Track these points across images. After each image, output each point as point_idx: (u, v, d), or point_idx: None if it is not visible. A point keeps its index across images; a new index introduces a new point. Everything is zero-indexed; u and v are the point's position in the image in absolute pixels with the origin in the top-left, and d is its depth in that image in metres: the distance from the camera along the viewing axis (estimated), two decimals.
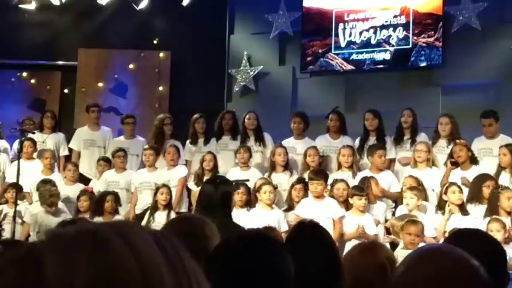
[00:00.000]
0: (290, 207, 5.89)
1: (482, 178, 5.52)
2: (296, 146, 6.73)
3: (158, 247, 0.68)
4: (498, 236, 4.72)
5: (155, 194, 6.12)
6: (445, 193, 5.39)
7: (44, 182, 6.35)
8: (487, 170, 5.77)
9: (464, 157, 5.85)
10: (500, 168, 5.80)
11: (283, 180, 6.25)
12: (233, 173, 6.38)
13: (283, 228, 5.50)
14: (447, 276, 1.23)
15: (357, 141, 6.70)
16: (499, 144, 5.99)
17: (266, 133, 7.00)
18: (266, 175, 6.41)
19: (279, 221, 5.57)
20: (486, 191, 5.39)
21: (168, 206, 6.10)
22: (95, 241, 0.67)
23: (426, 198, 5.76)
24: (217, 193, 3.31)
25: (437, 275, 1.23)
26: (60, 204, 6.31)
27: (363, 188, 5.52)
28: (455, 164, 5.92)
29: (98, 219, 5.94)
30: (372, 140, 6.59)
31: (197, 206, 3.47)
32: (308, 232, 2.16)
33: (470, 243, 1.78)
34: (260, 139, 6.87)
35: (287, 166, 6.41)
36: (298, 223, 2.38)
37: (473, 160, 5.92)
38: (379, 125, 6.62)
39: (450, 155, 5.97)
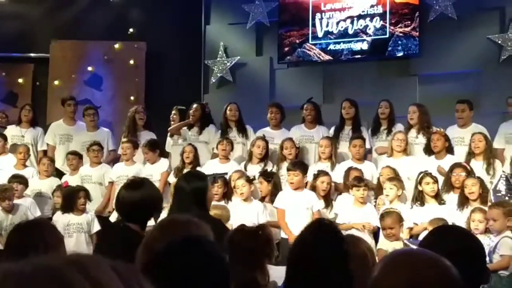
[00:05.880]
0: (261, 200, 5.84)
1: (451, 167, 5.57)
2: (274, 136, 6.69)
3: (121, 281, 0.62)
4: (481, 226, 4.74)
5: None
6: (420, 183, 5.41)
7: (14, 177, 6.23)
8: (460, 159, 5.80)
9: (440, 147, 5.88)
10: (470, 156, 5.83)
11: (257, 171, 6.19)
12: (211, 166, 6.32)
13: (262, 220, 5.45)
14: (422, 280, 1.26)
15: (332, 130, 6.70)
16: (471, 132, 6.02)
17: (248, 126, 6.95)
18: (242, 164, 6.37)
19: (258, 213, 5.52)
20: (453, 179, 5.44)
21: None
22: (54, 281, 0.62)
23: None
24: (188, 189, 3.26)
25: (412, 279, 1.26)
26: (28, 201, 6.17)
27: (362, 179, 5.49)
28: (431, 153, 5.95)
29: (69, 216, 5.82)
30: (347, 129, 6.60)
31: (172, 202, 3.42)
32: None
33: (450, 240, 1.79)
34: (242, 131, 6.83)
35: (264, 158, 6.37)
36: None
37: (449, 150, 5.94)
38: (355, 114, 6.62)
39: (428, 144, 5.98)
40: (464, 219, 4.97)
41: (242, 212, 5.44)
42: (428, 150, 5.98)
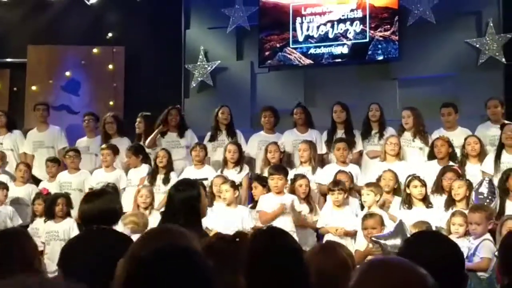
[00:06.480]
0: (255, 205, 5.78)
1: (443, 170, 5.57)
2: (271, 140, 6.62)
3: None
4: (461, 230, 4.75)
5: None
6: (408, 186, 5.41)
7: None
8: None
9: (444, 153, 5.84)
10: (464, 158, 5.85)
11: (232, 176, 6.14)
12: (188, 172, 6.28)
13: (249, 225, 5.41)
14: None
15: (324, 134, 6.69)
16: (459, 135, 6.06)
17: (238, 130, 6.92)
18: (219, 171, 6.33)
19: (242, 218, 5.47)
20: (445, 183, 5.45)
21: None
22: None
23: (399, 192, 5.68)
24: (177, 198, 3.21)
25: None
26: (8, 209, 6.07)
27: (337, 182, 5.48)
28: (433, 158, 5.93)
29: (50, 223, 5.73)
30: (340, 133, 6.58)
31: (163, 211, 3.46)
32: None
33: (429, 246, 1.80)
34: (232, 135, 6.79)
35: (239, 162, 6.33)
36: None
37: (453, 157, 5.90)
38: (347, 117, 6.62)
39: (431, 150, 5.96)
40: None
41: (227, 217, 5.40)
42: (431, 156, 5.95)
